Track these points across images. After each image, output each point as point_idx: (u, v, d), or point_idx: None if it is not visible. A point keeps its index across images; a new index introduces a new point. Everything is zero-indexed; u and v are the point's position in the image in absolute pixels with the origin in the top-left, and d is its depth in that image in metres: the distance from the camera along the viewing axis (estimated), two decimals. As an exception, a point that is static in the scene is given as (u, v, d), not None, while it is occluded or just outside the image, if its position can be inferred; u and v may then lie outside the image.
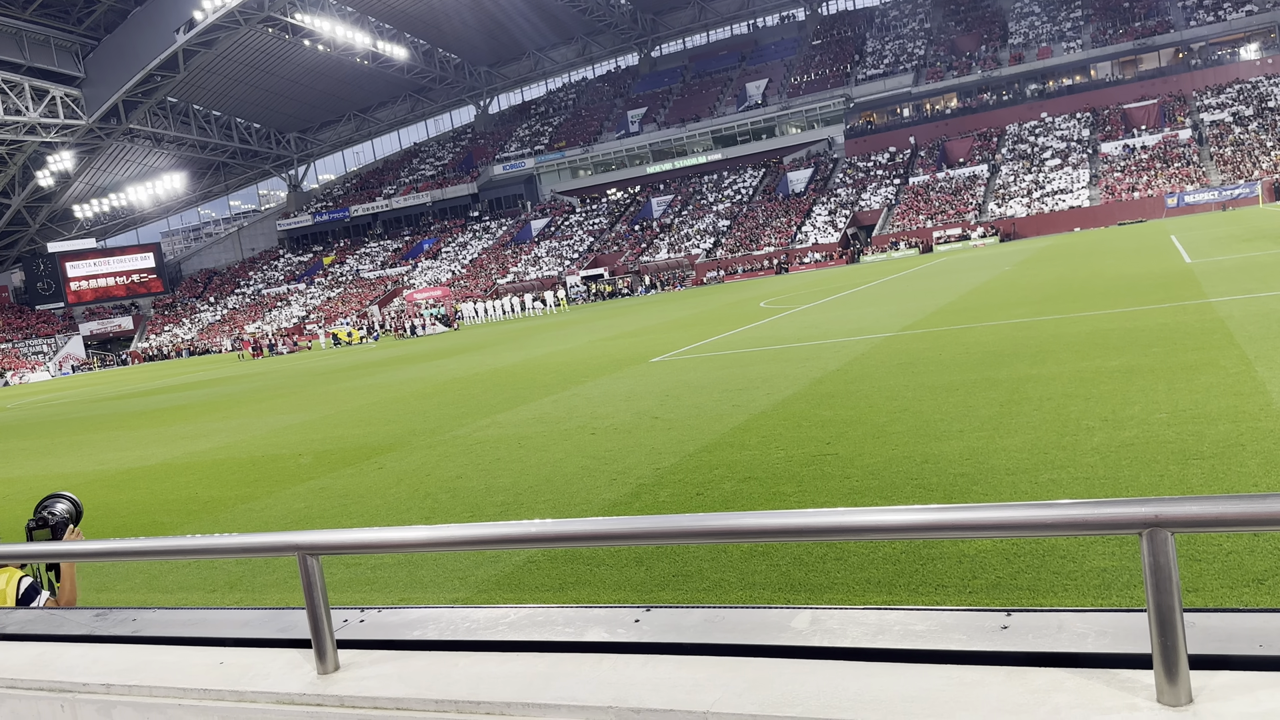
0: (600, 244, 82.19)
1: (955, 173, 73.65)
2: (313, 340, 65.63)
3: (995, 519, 1.75)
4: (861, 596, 5.50)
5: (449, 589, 6.80)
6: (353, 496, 10.54)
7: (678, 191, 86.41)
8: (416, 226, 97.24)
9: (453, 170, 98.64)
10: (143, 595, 7.77)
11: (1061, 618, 1.95)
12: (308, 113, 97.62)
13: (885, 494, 7.56)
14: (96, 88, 74.62)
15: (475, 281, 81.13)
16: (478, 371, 24.01)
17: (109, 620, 2.87)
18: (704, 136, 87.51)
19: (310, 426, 17.46)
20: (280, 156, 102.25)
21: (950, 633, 1.92)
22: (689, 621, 2.15)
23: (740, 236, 75.34)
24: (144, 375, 55.25)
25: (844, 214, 73.45)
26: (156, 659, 2.52)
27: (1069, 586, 5.26)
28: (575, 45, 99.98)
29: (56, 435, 23.35)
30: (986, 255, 48.62)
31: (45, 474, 16.23)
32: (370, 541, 2.37)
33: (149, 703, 2.35)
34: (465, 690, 2.05)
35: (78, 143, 79.43)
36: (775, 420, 11.33)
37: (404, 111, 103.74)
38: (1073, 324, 16.22)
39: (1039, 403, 10.13)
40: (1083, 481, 7.16)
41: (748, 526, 2.00)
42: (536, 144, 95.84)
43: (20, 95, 70.04)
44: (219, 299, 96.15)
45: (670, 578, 6.32)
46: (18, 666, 2.65)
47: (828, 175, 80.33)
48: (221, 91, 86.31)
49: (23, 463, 18.50)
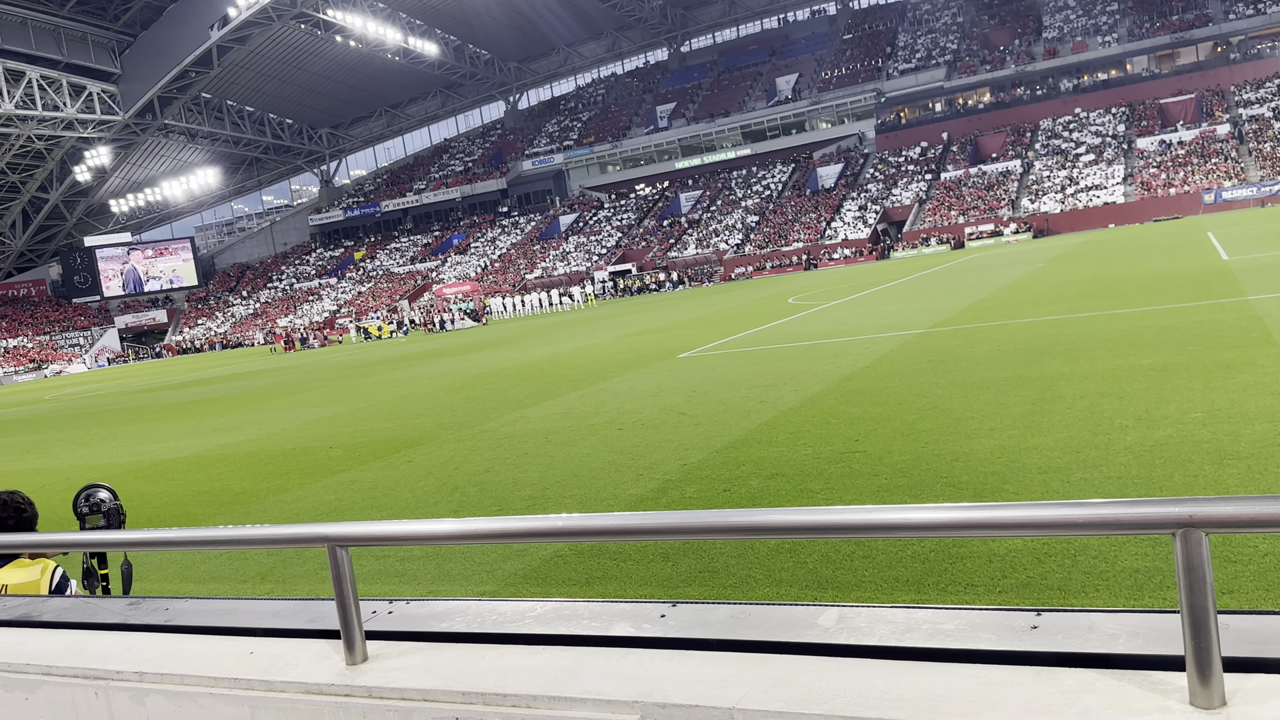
0: (628, 239, 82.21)
1: (988, 168, 72.96)
2: (343, 334, 66.18)
3: (1027, 518, 1.73)
4: (889, 594, 5.47)
5: (476, 582, 6.84)
6: (382, 489, 10.63)
7: (706, 187, 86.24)
8: (446, 222, 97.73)
9: (482, 166, 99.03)
10: (175, 585, 7.88)
11: (1092, 618, 1.92)
12: (339, 108, 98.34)
13: (914, 492, 7.51)
14: (132, 84, 75.60)
15: (504, 277, 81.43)
16: (505, 366, 24.11)
17: (142, 609, 2.91)
18: (733, 132, 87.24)
19: (341, 420, 17.61)
20: (312, 152, 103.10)
21: (979, 632, 1.90)
22: (715, 617, 2.15)
23: (769, 232, 75.08)
24: (178, 368, 55.96)
25: (874, 210, 72.98)
26: (188, 648, 2.55)
27: (1100, 586, 5.20)
28: (604, 41, 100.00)
29: (92, 426, 23.71)
30: (1019, 251, 48.14)
31: (82, 464, 16.48)
32: (399, 534, 2.39)
33: (181, 691, 2.39)
34: (492, 682, 2.06)
35: (114, 138, 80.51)
36: (803, 417, 11.29)
37: (434, 107, 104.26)
38: (1106, 321, 16.03)
39: (1071, 401, 10.03)
40: (1115, 481, 7.07)
41: (775, 523, 2.00)
42: (565, 140, 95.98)
43: (58, 91, 71.07)
44: (251, 293, 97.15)
45: (697, 573, 6.32)
46: (53, 654, 2.69)
47: (858, 170, 79.84)
48: (255, 87, 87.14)
49: (59, 453, 18.80)
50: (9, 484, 4.50)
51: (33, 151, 78.97)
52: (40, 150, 79.07)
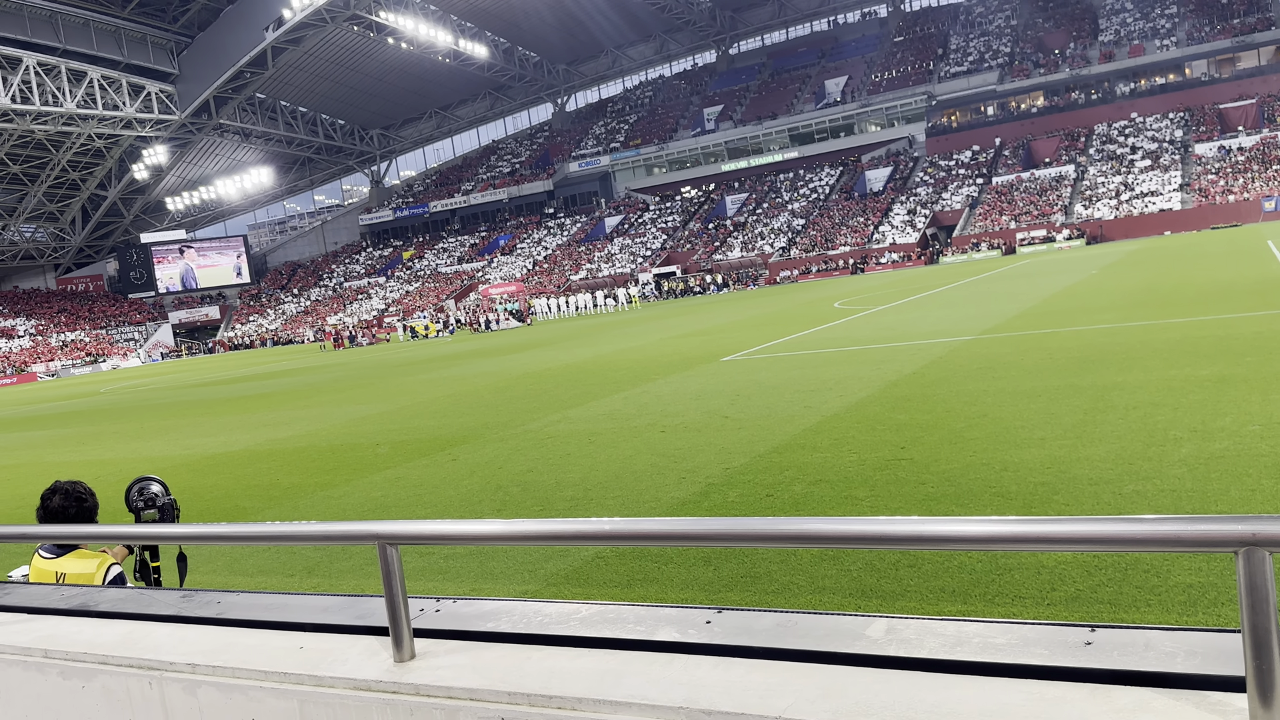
0: (673, 241, 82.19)
1: (1040, 173, 71.89)
2: (391, 333, 66.92)
3: (1082, 533, 1.70)
4: (935, 605, 5.41)
5: (519, 580, 6.87)
6: (427, 487, 10.72)
7: (753, 189, 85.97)
8: (493, 222, 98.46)
9: (529, 167, 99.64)
10: (224, 578, 8.02)
11: (1148, 635, 1.89)
12: (390, 110, 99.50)
13: (962, 501, 7.42)
14: (189, 84, 77.18)
15: (549, 278, 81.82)
16: (550, 367, 24.21)
17: (195, 602, 2.97)
18: (780, 134, 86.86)
19: (387, 417, 17.81)
20: (363, 152, 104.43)
21: (1031, 647, 1.87)
22: (761, 625, 2.14)
23: (815, 235, 74.63)
24: (229, 364, 56.97)
25: (923, 214, 72.25)
26: (240, 641, 2.59)
27: (1153, 602, 5.10)
28: (653, 43, 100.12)
29: (146, 419, 24.21)
30: (1072, 258, 47.37)
31: (135, 457, 16.83)
32: (448, 533, 2.41)
33: (232, 684, 2.42)
34: (538, 684, 2.07)
35: (170, 137, 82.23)
36: (848, 423, 11.20)
37: (483, 109, 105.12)
38: (1161, 330, 15.72)
39: (1124, 411, 9.84)
40: (1169, 494, 6.93)
41: (820, 532, 1.98)
42: (612, 142, 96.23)
43: (118, 91, 72.75)
44: (302, 291, 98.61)
45: (738, 579, 6.29)
46: (109, 644, 2.75)
47: (907, 174, 79.10)
48: (308, 88, 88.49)
49: (114, 445, 19.22)
50: (67, 474, 4.62)
51: (93, 150, 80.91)
52: (100, 149, 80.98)
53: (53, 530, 3.80)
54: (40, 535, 3.74)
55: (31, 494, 4.21)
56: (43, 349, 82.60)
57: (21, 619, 3.14)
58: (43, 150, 77.89)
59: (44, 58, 66.75)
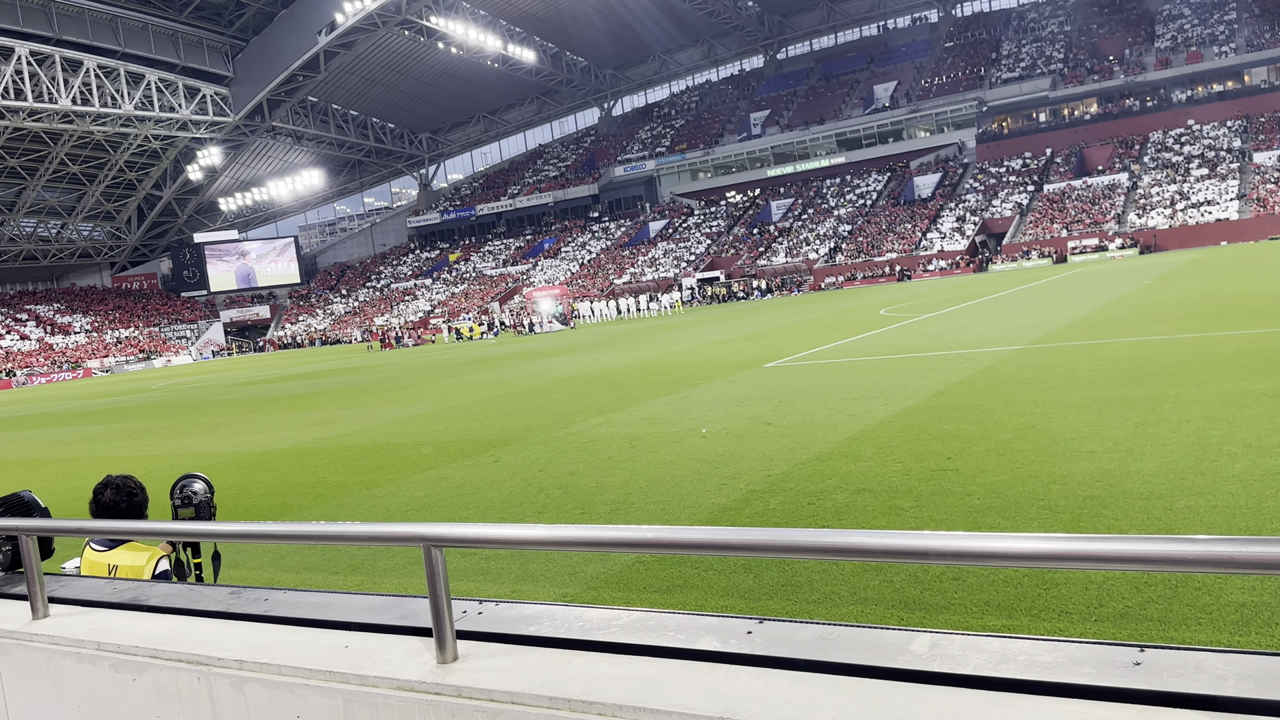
0: (718, 246, 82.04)
1: (1093, 181, 70.72)
2: (436, 334, 67.54)
3: (1133, 552, 1.67)
4: (980, 619, 5.34)
5: (559, 583, 6.90)
6: (470, 488, 10.81)
7: (798, 195, 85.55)
8: (538, 226, 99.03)
9: (575, 171, 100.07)
10: (270, 574, 8.14)
11: (1199, 657, 1.85)
12: (439, 113, 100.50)
13: (1008, 514, 7.31)
14: (243, 86, 78.61)
15: (593, 281, 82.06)
16: (592, 370, 24.28)
17: (243, 599, 3.02)
18: (828, 139, 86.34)
19: (432, 418, 17.97)
20: (412, 156, 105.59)
21: (1078, 666, 1.84)
22: (803, 637, 2.12)
23: (862, 242, 74.06)
24: (278, 362, 57.85)
25: (973, 221, 71.39)
26: (286, 639, 2.63)
27: (1203, 620, 4.99)
28: (701, 47, 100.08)
29: (196, 416, 24.66)
30: (1125, 268, 46.53)
31: (184, 453, 17.16)
32: (492, 537, 2.43)
33: (278, 680, 2.46)
34: (579, 689, 2.07)
35: (224, 139, 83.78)
36: (892, 432, 11.09)
37: (530, 113, 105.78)
38: (1216, 343, 15.38)
39: (1177, 425, 9.64)
40: (1222, 510, 6.78)
41: (864, 546, 1.96)
42: (658, 146, 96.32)
43: (174, 93, 74.28)
44: (350, 291, 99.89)
45: (779, 587, 6.26)
46: (159, 638, 2.81)
47: (956, 180, 78.24)
48: (359, 92, 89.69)
49: (165, 441, 19.60)
50: (118, 469, 4.71)
51: (149, 151, 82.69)
52: (156, 149, 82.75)
53: (103, 526, 3.88)
54: (88, 530, 3.83)
55: (86, 487, 4.31)
56: (98, 345, 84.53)
57: (76, 611, 3.21)
58: (101, 151, 79.77)
59: (104, 60, 68.38)
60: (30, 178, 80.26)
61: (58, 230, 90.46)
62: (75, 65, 67.00)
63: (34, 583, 3.18)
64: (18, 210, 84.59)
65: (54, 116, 68.97)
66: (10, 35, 62.91)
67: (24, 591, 3.27)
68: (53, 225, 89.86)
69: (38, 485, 14.43)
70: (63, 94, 66.28)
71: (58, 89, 65.99)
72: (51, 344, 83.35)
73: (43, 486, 14.34)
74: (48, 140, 74.73)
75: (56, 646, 2.97)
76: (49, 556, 3.46)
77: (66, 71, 66.76)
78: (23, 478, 16.04)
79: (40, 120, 68.95)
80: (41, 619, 3.15)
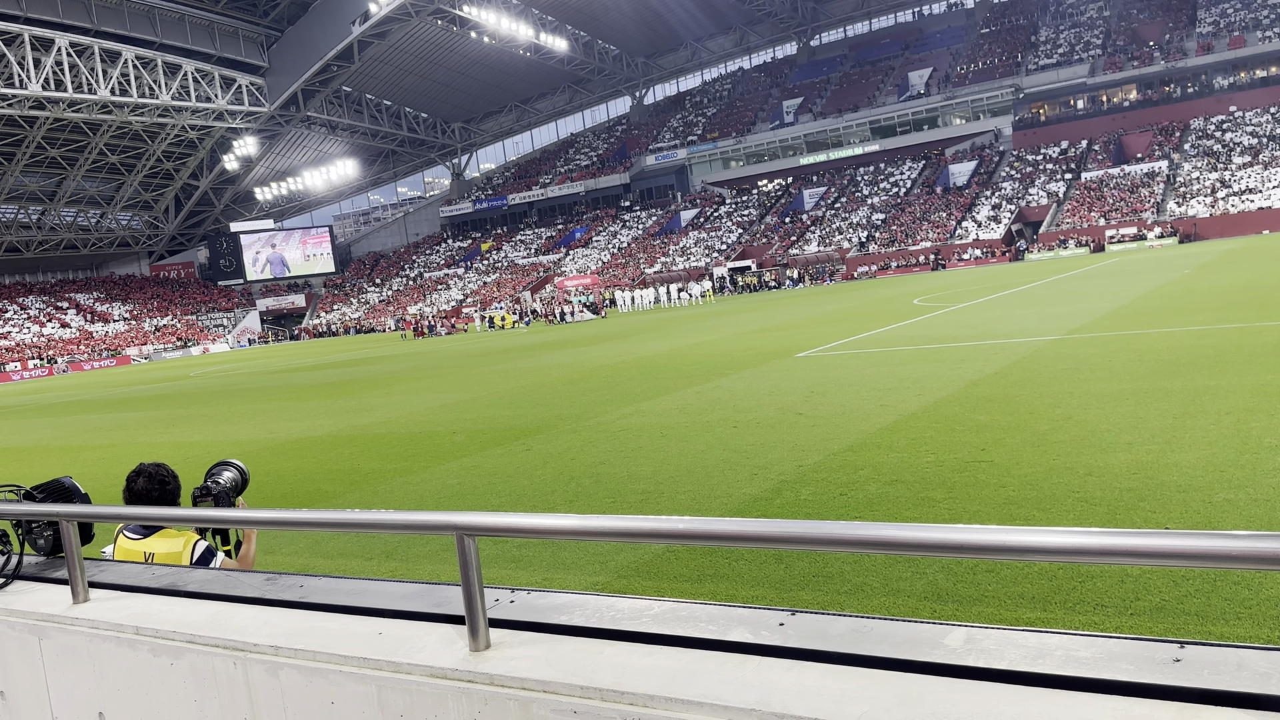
0: (749, 235, 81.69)
1: (1132, 169, 69.60)
2: (469, 323, 67.88)
3: (1174, 548, 1.64)
4: (1013, 612, 5.29)
5: (590, 571, 6.92)
6: (501, 476, 10.86)
7: (831, 183, 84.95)
8: (569, 215, 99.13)
9: (606, 160, 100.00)
10: (305, 559, 8.23)
11: (1241, 654, 1.81)
12: (471, 103, 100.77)
13: (1044, 506, 7.24)
14: (279, 77, 79.29)
15: (624, 270, 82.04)
16: (623, 360, 24.29)
17: (278, 585, 3.05)
18: (861, 127, 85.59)
19: (464, 406, 18.07)
20: (445, 145, 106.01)
21: (1116, 662, 1.82)
22: (836, 629, 2.11)
23: (896, 230, 73.43)
24: (313, 350, 58.42)
25: (1009, 209, 70.55)
26: (321, 625, 2.66)
27: (1242, 615, 4.92)
28: (733, 35, 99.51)
29: (233, 403, 24.97)
30: (1164, 257, 45.81)
31: (221, 439, 17.38)
32: (525, 526, 2.43)
33: (313, 667, 2.49)
34: (610, 679, 2.07)
35: (260, 129, 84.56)
36: (926, 422, 11.01)
37: (562, 102, 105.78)
38: (1257, 334, 15.10)
39: (1217, 416, 9.49)
40: (1262, 504, 6.66)
41: (898, 539, 1.94)
42: (689, 135, 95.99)
43: (210, 84, 75.05)
44: (384, 280, 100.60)
45: (810, 578, 6.24)
46: (197, 623, 2.85)
47: (992, 168, 77.31)
48: (392, 81, 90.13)
49: (201, 428, 19.87)
50: (156, 455, 4.78)
51: (186, 141, 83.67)
52: (193, 139, 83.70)
53: (142, 513, 3.92)
54: (128, 516, 3.89)
55: (124, 473, 4.37)
56: (136, 333, 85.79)
57: (115, 596, 3.26)
58: (139, 141, 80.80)
59: (142, 51, 69.19)
60: (70, 168, 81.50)
61: (97, 220, 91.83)
62: (114, 56, 67.86)
63: (74, 567, 3.23)
64: (58, 200, 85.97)
65: (93, 107, 69.95)
66: (50, 27, 63.81)
67: (65, 576, 3.32)
68: (92, 215, 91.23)
69: (78, 471, 14.70)
70: (101, 85, 67.19)
71: (96, 80, 66.89)
72: (91, 331, 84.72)
73: (83, 472, 14.59)
74: (87, 130, 75.80)
75: (96, 630, 3.02)
76: (89, 542, 3.52)
77: (105, 62, 67.63)
78: (64, 463, 16.34)
79: (80, 111, 69.96)
80: (82, 603, 3.21)
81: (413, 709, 2.31)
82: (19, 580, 3.54)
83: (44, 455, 18.36)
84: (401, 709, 2.33)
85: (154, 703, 2.86)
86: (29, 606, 3.29)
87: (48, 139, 75.09)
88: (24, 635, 3.23)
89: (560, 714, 2.09)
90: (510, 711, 2.16)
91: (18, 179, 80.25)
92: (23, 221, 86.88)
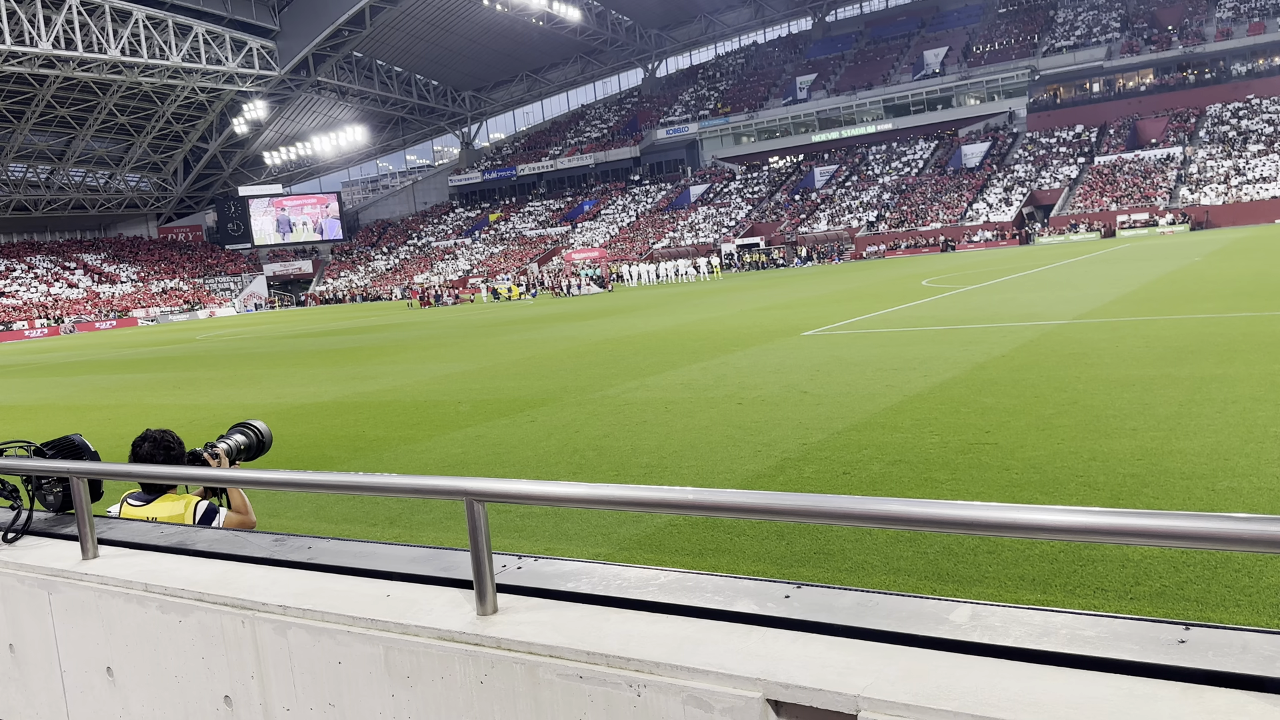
0: (759, 212, 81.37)
1: (1146, 154, 69.12)
2: (475, 294, 67.85)
3: (1178, 528, 1.64)
4: (1013, 593, 5.31)
5: (592, 543, 6.96)
6: (505, 446, 10.90)
7: (842, 162, 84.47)
8: (578, 188, 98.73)
9: (617, 133, 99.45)
10: (310, 523, 8.28)
11: (1246, 637, 1.82)
12: (483, 71, 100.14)
13: (1047, 489, 7.25)
14: (289, 40, 78.79)
15: (631, 244, 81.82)
16: (629, 334, 24.29)
17: (287, 546, 3.07)
18: (874, 105, 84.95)
19: (470, 376, 18.10)
20: (455, 114, 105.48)
21: (1121, 641, 1.83)
22: (841, 603, 2.12)
23: (906, 211, 73.09)
24: (320, 317, 58.47)
25: (1020, 192, 70.16)
26: (329, 586, 2.68)
27: (1242, 602, 4.94)
28: (749, 7, 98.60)
29: (239, 368, 25.03)
30: (1174, 244, 45.59)
31: (228, 403, 17.44)
32: (534, 493, 2.44)
33: (320, 627, 2.51)
34: (616, 645, 2.09)
35: (270, 93, 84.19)
36: (931, 403, 11.01)
37: (573, 73, 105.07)
38: (1266, 323, 15.05)
39: (1222, 405, 9.48)
40: (1266, 492, 6.67)
41: (903, 514, 1.94)
42: (701, 109, 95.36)
43: (221, 46, 74.66)
44: (391, 249, 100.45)
45: (811, 554, 6.27)
46: (205, 581, 2.87)
47: (1005, 150, 76.81)
48: (404, 48, 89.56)
49: (208, 391, 19.93)
50: (162, 417, 4.80)
51: (196, 103, 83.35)
52: (203, 102, 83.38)
53: (151, 470, 3.94)
54: (137, 475, 3.92)
55: (131, 434, 4.40)
56: (143, 295, 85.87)
57: (124, 553, 3.29)
58: (149, 102, 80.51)
59: (153, 11, 68.79)
60: (79, 128, 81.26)
61: (105, 180, 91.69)
62: (124, 16, 67.50)
63: (84, 523, 3.25)
64: (67, 160, 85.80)
65: (103, 67, 69.64)
66: (62, -15, 63.50)
67: (74, 532, 3.35)
68: (101, 175, 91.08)
69: (85, 430, 14.75)
70: (111, 44, 66.86)
71: (107, 39, 66.57)
72: (99, 292, 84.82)
73: (90, 431, 14.62)
74: (97, 90, 75.52)
75: (105, 586, 3.05)
76: (98, 499, 3.54)
77: (116, 22, 67.28)
78: (71, 422, 16.41)
79: (90, 70, 69.66)
80: (91, 559, 3.23)
81: (420, 670, 2.33)
82: (29, 535, 3.57)
83: (51, 413, 18.44)
84: (408, 670, 2.35)
85: (162, 659, 2.89)
86: (39, 561, 3.32)
87: (57, 98, 74.84)
88: (34, 589, 3.26)
89: (566, 678, 2.11)
90: (516, 675, 2.18)
91: (26, 138, 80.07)
92: (31, 180, 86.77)
